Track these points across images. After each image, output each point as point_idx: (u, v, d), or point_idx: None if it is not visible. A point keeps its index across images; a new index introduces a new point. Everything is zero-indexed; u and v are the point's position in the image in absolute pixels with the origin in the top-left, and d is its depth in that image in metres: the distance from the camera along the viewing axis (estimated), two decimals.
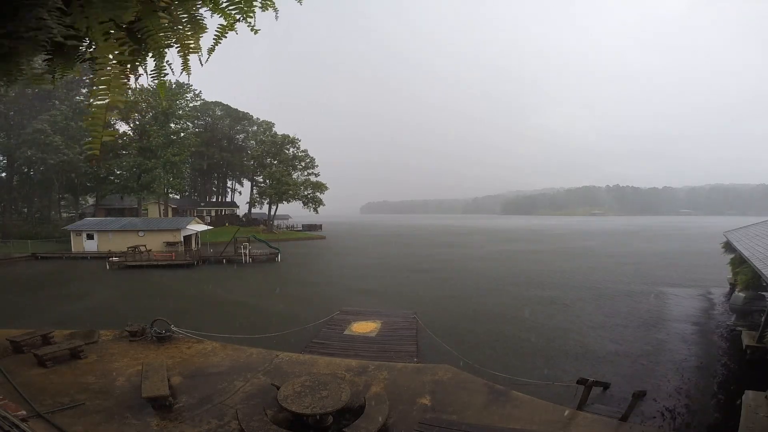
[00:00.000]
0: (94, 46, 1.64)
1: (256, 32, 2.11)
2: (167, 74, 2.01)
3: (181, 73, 2.02)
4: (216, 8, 1.94)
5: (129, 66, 1.79)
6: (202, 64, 2.10)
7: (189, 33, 1.90)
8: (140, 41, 1.74)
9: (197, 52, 1.97)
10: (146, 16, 1.65)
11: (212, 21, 2.07)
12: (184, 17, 1.89)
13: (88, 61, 1.73)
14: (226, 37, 2.03)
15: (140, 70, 1.91)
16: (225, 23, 1.99)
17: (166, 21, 1.77)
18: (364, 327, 11.55)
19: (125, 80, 1.74)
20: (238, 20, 2.00)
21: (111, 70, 1.61)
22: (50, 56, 1.61)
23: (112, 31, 1.51)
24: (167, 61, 1.93)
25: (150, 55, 1.85)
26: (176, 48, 1.90)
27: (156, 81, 2.00)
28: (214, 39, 2.00)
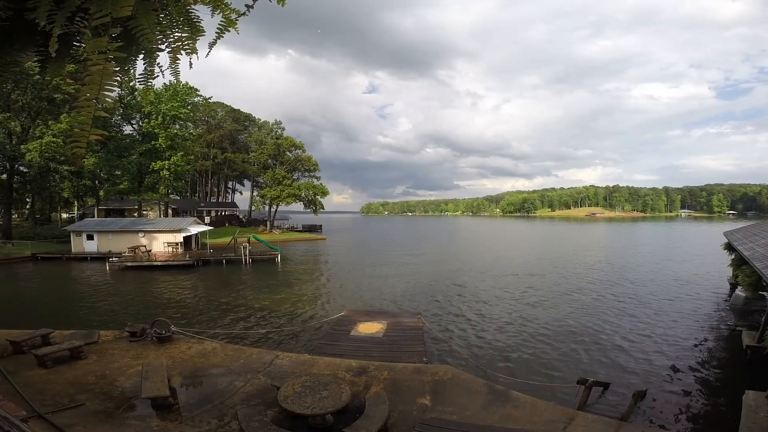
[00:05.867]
0: (84, 44, 1.61)
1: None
2: (158, 75, 2.00)
3: (174, 72, 2.00)
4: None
5: (120, 63, 1.76)
6: (206, 55, 2.07)
7: (185, 34, 1.88)
8: (133, 39, 1.72)
9: (194, 52, 1.96)
10: (142, 14, 1.63)
11: (211, 21, 2.07)
12: (179, 18, 1.88)
13: (81, 63, 1.70)
14: (228, 31, 2.01)
15: (131, 69, 1.88)
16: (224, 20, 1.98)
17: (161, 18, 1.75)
18: (370, 327, 11.46)
19: (116, 78, 1.71)
20: (242, 14, 2.00)
21: (101, 66, 1.58)
22: (43, 55, 1.59)
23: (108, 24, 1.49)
24: (158, 63, 1.91)
25: (142, 54, 1.83)
26: (168, 49, 1.87)
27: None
28: (216, 33, 1.99)
